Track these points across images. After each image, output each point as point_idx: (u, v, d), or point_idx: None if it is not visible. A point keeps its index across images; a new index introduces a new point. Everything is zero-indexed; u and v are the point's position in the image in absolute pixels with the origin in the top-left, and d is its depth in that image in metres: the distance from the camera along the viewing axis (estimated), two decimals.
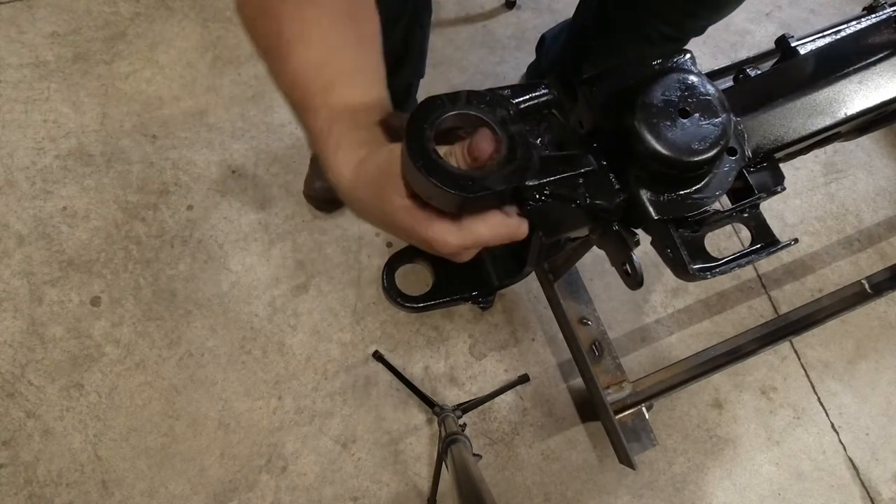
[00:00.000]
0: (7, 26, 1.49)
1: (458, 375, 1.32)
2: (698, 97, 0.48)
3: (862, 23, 0.66)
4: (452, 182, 0.38)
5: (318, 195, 1.36)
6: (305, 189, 1.37)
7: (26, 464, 1.16)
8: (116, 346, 1.26)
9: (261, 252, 1.36)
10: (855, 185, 1.62)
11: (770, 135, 0.57)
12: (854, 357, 1.44)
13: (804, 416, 1.38)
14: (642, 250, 0.50)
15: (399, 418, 1.27)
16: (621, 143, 0.48)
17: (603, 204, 0.49)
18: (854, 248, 1.56)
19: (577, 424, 1.32)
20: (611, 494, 1.27)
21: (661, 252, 0.55)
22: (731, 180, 0.51)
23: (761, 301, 1.48)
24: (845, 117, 0.59)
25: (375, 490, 1.22)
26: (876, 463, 1.36)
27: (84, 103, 1.44)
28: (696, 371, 1.23)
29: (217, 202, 1.39)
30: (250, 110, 1.49)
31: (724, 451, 1.33)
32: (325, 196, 1.36)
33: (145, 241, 1.34)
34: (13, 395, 1.20)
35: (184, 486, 1.18)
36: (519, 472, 1.26)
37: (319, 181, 1.35)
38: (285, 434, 1.23)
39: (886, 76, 0.60)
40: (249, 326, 1.30)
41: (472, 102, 0.41)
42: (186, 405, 1.23)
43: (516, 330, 1.37)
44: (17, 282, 1.28)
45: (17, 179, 1.35)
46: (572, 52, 1.23)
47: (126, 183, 1.38)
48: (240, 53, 1.54)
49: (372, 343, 1.32)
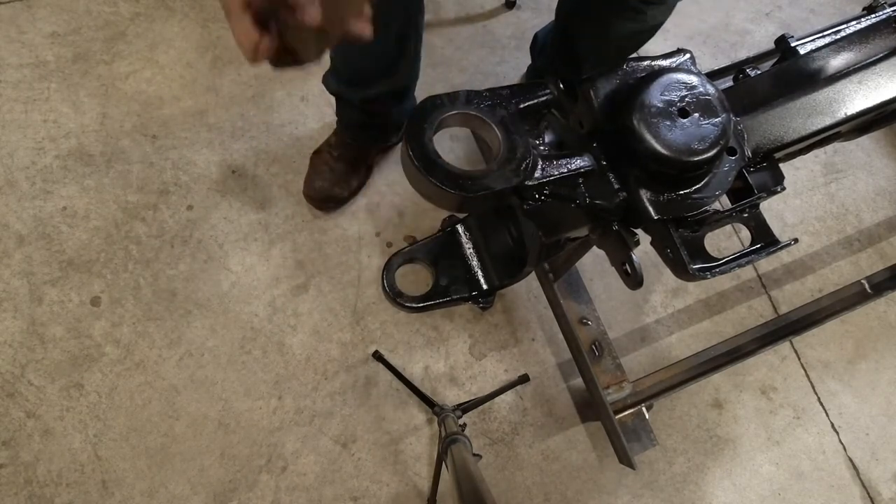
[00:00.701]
0: (7, 26, 1.49)
1: (458, 375, 1.32)
2: (698, 97, 0.48)
3: (862, 23, 0.66)
4: (452, 182, 0.38)
5: (318, 195, 1.36)
6: (305, 189, 1.37)
7: (26, 464, 1.16)
8: (116, 346, 1.26)
9: (261, 252, 1.36)
10: (855, 185, 1.62)
11: (770, 135, 0.57)
12: (854, 357, 1.44)
13: (804, 416, 1.38)
14: (642, 250, 0.50)
15: (399, 418, 1.27)
16: (621, 143, 0.48)
17: (603, 204, 0.49)
18: (854, 248, 1.56)
19: (577, 424, 1.32)
20: (611, 494, 1.27)
21: (660, 252, 0.55)
22: (730, 180, 0.51)
23: (761, 301, 1.48)
24: (845, 117, 0.59)
25: (375, 490, 1.22)
26: (876, 463, 1.36)
27: (84, 103, 1.44)
28: (696, 371, 1.23)
29: (217, 202, 1.39)
30: (250, 110, 1.49)
31: (724, 451, 1.33)
32: (326, 196, 1.36)
33: (145, 241, 1.34)
34: (13, 395, 1.20)
35: (184, 486, 1.18)
36: (519, 472, 1.26)
37: (320, 181, 1.35)
38: (285, 434, 1.23)
39: (886, 76, 0.60)
40: (249, 326, 1.30)
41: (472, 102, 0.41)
42: (186, 405, 1.23)
43: (516, 330, 1.37)
44: (17, 282, 1.28)
45: (17, 179, 1.35)
46: (561, 40, 1.23)
47: (126, 183, 1.38)
48: (240, 53, 1.54)
49: (372, 343, 1.31)
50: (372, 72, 1.11)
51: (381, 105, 1.22)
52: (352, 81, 1.17)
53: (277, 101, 1.50)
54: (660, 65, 0.52)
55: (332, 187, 1.35)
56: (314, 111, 1.51)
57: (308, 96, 1.52)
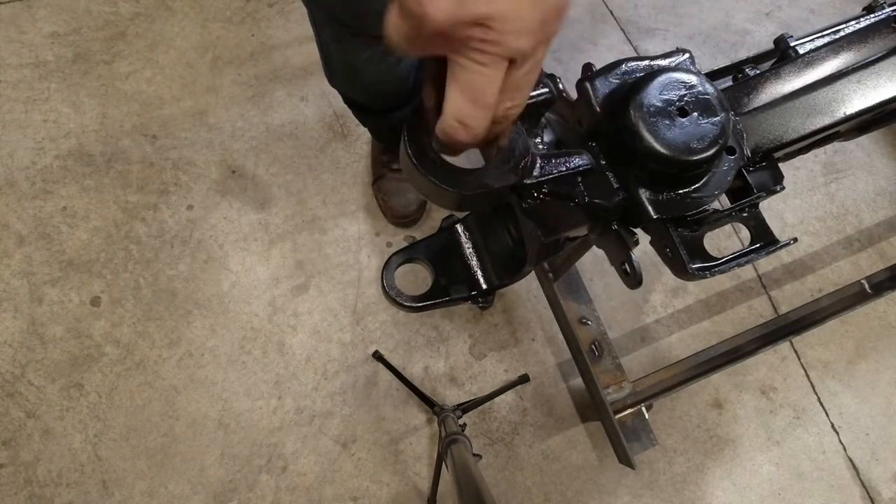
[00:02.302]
0: (7, 26, 1.49)
1: (458, 375, 1.32)
2: (697, 96, 0.48)
3: (861, 23, 0.66)
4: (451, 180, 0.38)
5: (405, 212, 1.37)
6: (390, 219, 1.39)
7: (26, 464, 1.16)
8: (116, 346, 1.26)
9: (261, 252, 1.36)
10: (855, 185, 1.62)
11: (769, 134, 0.57)
12: (854, 357, 1.44)
13: (804, 416, 1.38)
14: (641, 249, 0.50)
15: (399, 418, 1.27)
16: (620, 142, 0.48)
17: (602, 203, 0.49)
18: (854, 248, 1.56)
19: (577, 424, 1.31)
20: (611, 494, 1.27)
21: (660, 251, 0.55)
22: (730, 179, 0.51)
23: (761, 301, 1.48)
24: (844, 117, 0.59)
25: (375, 490, 1.22)
26: (876, 463, 1.36)
27: (84, 103, 1.44)
28: (696, 371, 1.22)
29: (217, 202, 1.39)
30: (250, 110, 1.49)
31: (724, 451, 1.33)
32: (416, 207, 1.38)
33: (145, 241, 1.34)
34: (13, 395, 1.20)
35: (184, 486, 1.18)
36: (519, 472, 1.26)
37: (397, 199, 1.36)
38: (285, 434, 1.23)
39: (885, 76, 0.60)
40: (249, 326, 1.30)
41: None
42: (186, 405, 1.23)
43: (516, 330, 1.36)
44: (17, 282, 1.28)
45: (17, 179, 1.36)
46: None
47: (126, 183, 1.38)
48: (240, 53, 1.54)
49: (372, 343, 1.31)
50: (389, 104, 1.11)
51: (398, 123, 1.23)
52: (365, 110, 1.17)
53: (277, 101, 1.51)
54: (659, 64, 0.52)
55: (414, 198, 1.37)
56: (314, 111, 1.51)
57: (308, 96, 1.52)
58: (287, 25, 1.60)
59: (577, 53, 1.69)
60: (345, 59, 0.95)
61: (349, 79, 1.05)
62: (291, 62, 1.55)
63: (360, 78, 1.00)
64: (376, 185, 1.40)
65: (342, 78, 1.05)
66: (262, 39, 1.57)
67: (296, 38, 1.58)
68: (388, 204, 1.37)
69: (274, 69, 1.54)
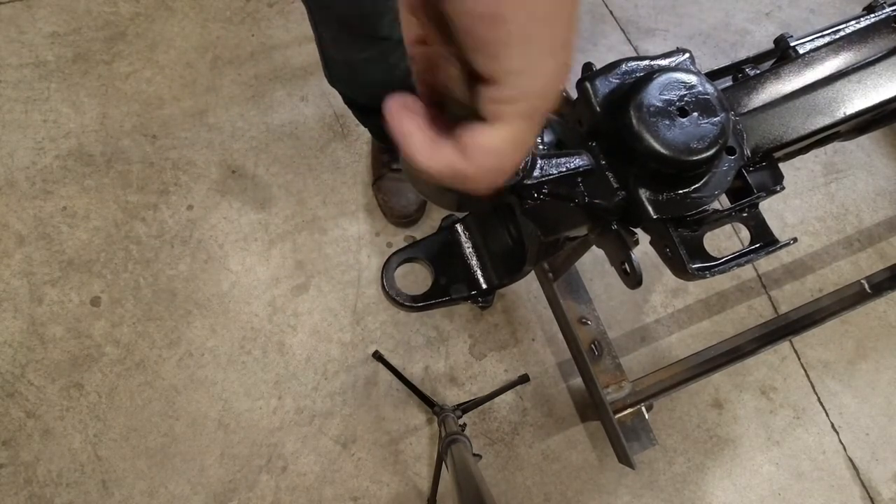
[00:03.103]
0: (7, 26, 1.49)
1: (458, 375, 1.32)
2: (697, 96, 0.48)
3: (861, 23, 0.66)
4: None
5: (405, 212, 1.37)
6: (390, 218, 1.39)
7: (26, 464, 1.16)
8: (116, 346, 1.26)
9: (261, 252, 1.36)
10: (855, 185, 1.62)
11: (769, 134, 0.57)
12: (854, 357, 1.44)
13: (804, 416, 1.38)
14: (641, 250, 0.50)
15: (399, 418, 1.27)
16: (620, 141, 0.48)
17: (602, 203, 0.49)
18: (854, 248, 1.56)
19: (577, 424, 1.31)
20: (611, 494, 1.27)
21: (660, 251, 0.55)
22: (730, 179, 0.51)
23: (761, 301, 1.48)
24: (844, 117, 0.59)
25: (375, 490, 1.22)
26: (876, 463, 1.35)
27: (84, 103, 1.44)
28: (696, 371, 1.22)
29: (217, 202, 1.39)
30: (250, 110, 1.49)
31: (724, 451, 1.33)
32: (415, 207, 1.38)
33: (145, 241, 1.34)
34: (13, 395, 1.20)
35: (184, 486, 1.18)
36: (519, 472, 1.26)
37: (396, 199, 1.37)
38: (285, 434, 1.23)
39: (885, 76, 0.60)
40: (249, 326, 1.30)
41: None
42: (186, 405, 1.23)
43: (516, 330, 1.36)
44: (17, 282, 1.28)
45: (17, 179, 1.36)
46: None
47: (126, 183, 1.38)
48: (240, 53, 1.54)
49: (372, 343, 1.31)
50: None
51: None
52: (365, 110, 1.17)
53: (277, 101, 1.51)
54: (659, 64, 0.52)
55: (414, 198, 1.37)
56: (314, 111, 1.51)
57: (308, 96, 1.52)
58: (287, 25, 1.60)
59: (577, 53, 1.68)
60: (345, 59, 0.95)
61: (349, 79, 1.05)
62: (291, 62, 1.55)
63: (360, 78, 1.00)
64: (376, 185, 1.40)
65: (342, 78, 1.06)
66: (262, 39, 1.57)
67: (296, 38, 1.58)
68: (388, 204, 1.37)
69: (274, 69, 1.54)
